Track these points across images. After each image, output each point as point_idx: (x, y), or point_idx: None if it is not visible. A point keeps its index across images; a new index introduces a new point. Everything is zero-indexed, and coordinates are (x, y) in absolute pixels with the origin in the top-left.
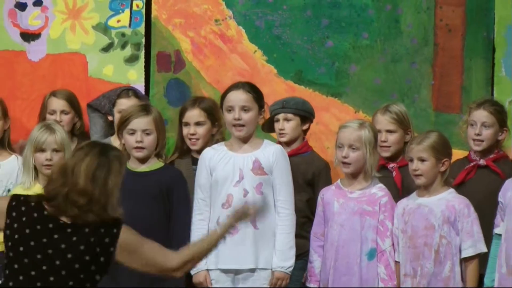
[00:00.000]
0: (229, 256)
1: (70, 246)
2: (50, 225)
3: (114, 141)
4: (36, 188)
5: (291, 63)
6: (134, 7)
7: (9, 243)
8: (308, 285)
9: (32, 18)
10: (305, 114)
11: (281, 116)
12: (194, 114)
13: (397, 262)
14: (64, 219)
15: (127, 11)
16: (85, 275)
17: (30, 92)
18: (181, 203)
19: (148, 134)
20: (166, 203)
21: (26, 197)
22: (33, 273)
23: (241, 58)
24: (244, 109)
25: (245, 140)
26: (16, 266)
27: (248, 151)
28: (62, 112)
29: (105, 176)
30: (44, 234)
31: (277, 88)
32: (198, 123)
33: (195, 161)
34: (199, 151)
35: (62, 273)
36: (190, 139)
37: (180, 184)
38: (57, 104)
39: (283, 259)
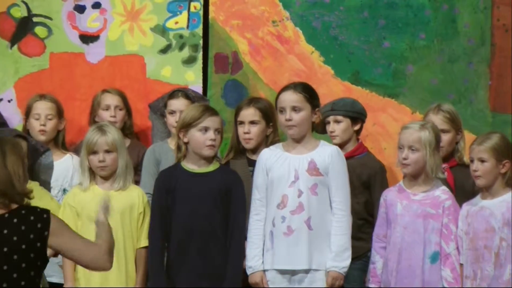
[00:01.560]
0: (284, 257)
1: (3, 240)
2: None
3: (171, 142)
4: (94, 189)
5: (348, 64)
6: (192, 9)
7: None
8: (369, 285)
9: (90, 20)
10: (355, 115)
11: (331, 118)
12: (249, 113)
13: (462, 265)
14: None
15: (185, 13)
16: (27, 264)
17: (89, 94)
18: (238, 204)
19: (219, 133)
20: (224, 203)
21: None
22: None
23: (298, 59)
24: (295, 109)
25: (299, 140)
26: None
27: (304, 152)
28: (117, 107)
29: (2, 159)
30: None
31: (334, 89)
32: (252, 122)
33: (251, 162)
34: (253, 151)
35: (4, 268)
36: (244, 138)
37: (238, 185)
38: (112, 99)
39: (338, 260)
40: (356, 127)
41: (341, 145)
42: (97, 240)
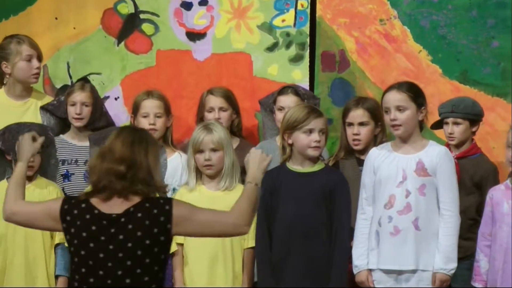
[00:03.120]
0: (390, 257)
1: (128, 235)
2: (104, 222)
3: (279, 140)
4: (200, 189)
5: (456, 63)
6: (299, 7)
7: (71, 249)
8: (473, 284)
9: (197, 18)
10: (474, 118)
11: (450, 120)
12: (358, 114)
13: None
14: (115, 210)
15: (292, 11)
16: (151, 259)
17: (196, 92)
18: (342, 204)
19: (323, 133)
20: (327, 203)
21: (77, 199)
22: (101, 272)
23: (406, 58)
24: (399, 109)
25: (407, 140)
26: (83, 270)
27: (412, 152)
28: (221, 109)
29: (145, 148)
30: (101, 232)
31: (442, 88)
32: (361, 123)
33: (360, 162)
34: (362, 152)
35: (128, 264)
36: (353, 139)
37: (342, 185)
38: (215, 101)
39: (445, 261)
40: (474, 129)
41: (457, 146)
42: (236, 201)
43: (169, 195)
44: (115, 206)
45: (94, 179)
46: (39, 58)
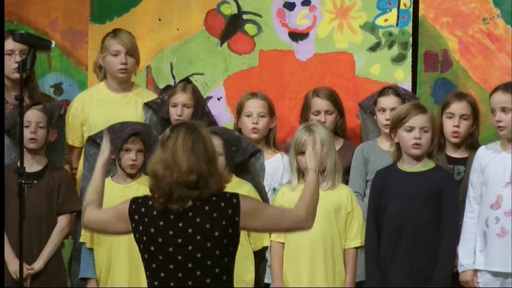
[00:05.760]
0: (497, 259)
1: (197, 228)
2: (172, 217)
3: (380, 141)
4: (302, 188)
5: None
6: (402, 6)
7: (141, 246)
8: None
9: (300, 18)
10: None
11: None
12: (462, 106)
13: None
14: (182, 205)
15: (395, 10)
16: (220, 251)
17: (298, 92)
18: (450, 204)
19: (425, 131)
20: (435, 203)
21: (144, 198)
22: (171, 266)
23: (509, 58)
24: (504, 110)
25: None
26: (154, 265)
27: None
28: (326, 112)
29: (204, 147)
30: (169, 227)
31: None
32: (463, 116)
33: (450, 159)
34: (454, 148)
35: (198, 256)
36: (453, 131)
37: (450, 185)
38: (322, 104)
39: None
40: None
41: None
42: (299, 199)
43: (269, 194)
44: (182, 202)
45: (166, 191)
46: (129, 54)
